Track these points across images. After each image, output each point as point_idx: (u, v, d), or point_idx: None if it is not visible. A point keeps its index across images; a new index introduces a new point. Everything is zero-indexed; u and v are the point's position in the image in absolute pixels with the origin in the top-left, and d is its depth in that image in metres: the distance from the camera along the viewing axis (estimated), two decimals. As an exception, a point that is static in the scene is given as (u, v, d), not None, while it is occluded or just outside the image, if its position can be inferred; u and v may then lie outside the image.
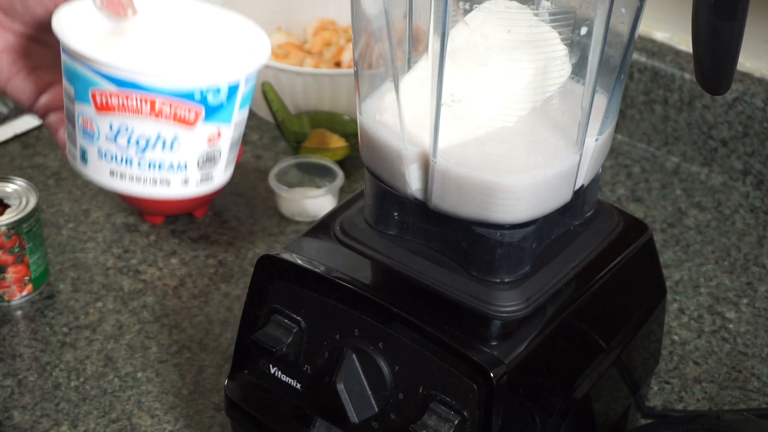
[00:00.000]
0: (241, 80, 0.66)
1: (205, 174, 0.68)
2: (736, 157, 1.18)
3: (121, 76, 0.63)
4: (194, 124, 0.65)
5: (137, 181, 0.67)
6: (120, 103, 0.64)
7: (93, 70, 0.64)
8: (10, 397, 0.93)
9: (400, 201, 0.73)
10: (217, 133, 0.66)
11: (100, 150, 0.66)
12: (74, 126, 0.67)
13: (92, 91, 0.65)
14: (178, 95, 0.64)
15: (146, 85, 0.63)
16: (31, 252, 1.01)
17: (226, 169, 0.69)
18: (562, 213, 0.74)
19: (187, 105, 0.64)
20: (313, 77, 1.19)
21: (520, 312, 0.71)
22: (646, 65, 1.21)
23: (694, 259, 1.09)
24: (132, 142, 0.65)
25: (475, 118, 0.69)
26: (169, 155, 0.66)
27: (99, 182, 0.68)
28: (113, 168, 0.66)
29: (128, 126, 0.65)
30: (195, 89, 0.64)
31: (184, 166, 0.66)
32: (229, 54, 0.69)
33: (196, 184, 0.68)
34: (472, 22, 0.69)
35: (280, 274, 0.77)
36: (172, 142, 0.65)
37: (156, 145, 0.65)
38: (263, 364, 0.79)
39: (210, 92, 0.65)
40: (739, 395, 0.94)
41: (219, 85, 0.65)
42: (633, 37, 0.71)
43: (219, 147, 0.67)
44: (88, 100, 0.65)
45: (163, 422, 0.91)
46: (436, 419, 0.70)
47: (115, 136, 0.65)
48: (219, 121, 0.66)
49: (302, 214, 1.13)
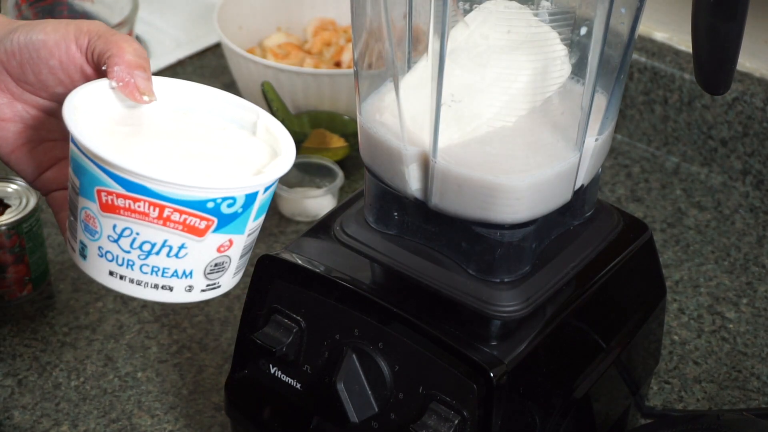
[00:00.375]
0: (260, 191, 0.62)
1: (212, 281, 0.64)
2: (736, 157, 1.18)
3: (130, 178, 0.59)
4: (204, 234, 0.61)
5: (137, 284, 0.63)
6: (126, 206, 0.60)
7: (101, 169, 0.60)
8: (10, 397, 0.93)
9: (400, 201, 0.73)
10: (229, 242, 0.62)
11: (100, 248, 0.62)
12: (76, 219, 0.63)
13: (98, 189, 0.61)
14: (189, 205, 0.60)
15: (156, 191, 0.59)
16: (31, 252, 1.01)
17: (235, 275, 0.66)
18: (562, 213, 0.74)
19: (198, 215, 0.60)
20: (313, 77, 1.19)
21: (520, 312, 0.71)
22: (646, 65, 1.21)
23: (694, 259, 1.09)
24: (135, 246, 0.61)
25: (475, 118, 0.69)
26: (174, 262, 0.62)
27: (97, 280, 0.64)
28: (113, 269, 0.63)
29: (133, 230, 0.61)
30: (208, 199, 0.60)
31: (189, 274, 0.63)
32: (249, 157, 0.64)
33: (200, 291, 0.64)
34: (472, 22, 0.69)
35: (280, 274, 0.77)
36: (178, 250, 0.61)
37: (161, 251, 0.61)
38: (263, 364, 0.79)
39: (224, 203, 0.60)
40: (739, 395, 0.94)
41: (234, 196, 0.60)
42: (633, 37, 0.71)
43: (229, 255, 0.63)
44: (92, 198, 0.61)
45: (163, 422, 0.91)
46: (436, 419, 0.70)
47: (118, 237, 0.61)
48: (231, 231, 0.62)
49: (302, 214, 1.13)
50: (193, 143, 0.64)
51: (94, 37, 0.66)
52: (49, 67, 0.67)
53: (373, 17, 0.70)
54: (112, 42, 0.66)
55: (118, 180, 0.60)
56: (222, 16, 1.27)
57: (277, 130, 0.67)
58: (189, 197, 0.59)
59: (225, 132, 0.67)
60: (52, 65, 0.67)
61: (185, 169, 0.62)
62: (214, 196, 0.60)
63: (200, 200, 0.60)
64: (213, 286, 0.64)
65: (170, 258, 0.61)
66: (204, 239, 0.61)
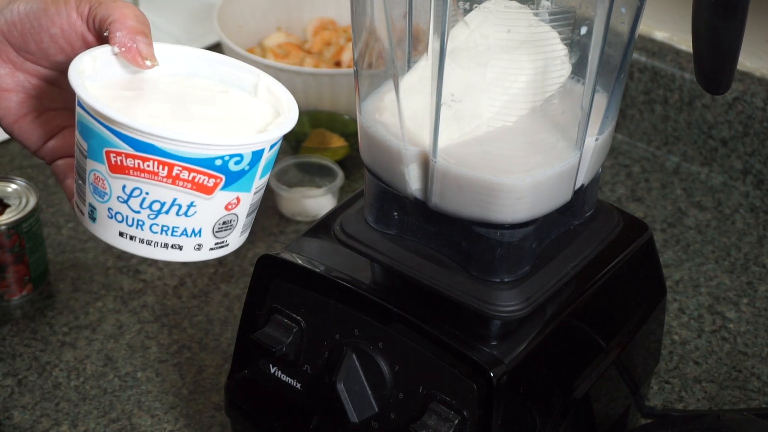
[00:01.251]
0: (266, 148, 0.63)
1: (220, 240, 0.64)
2: (736, 157, 1.18)
3: (139, 138, 0.60)
4: (213, 192, 0.62)
5: (147, 244, 0.63)
6: (136, 166, 0.61)
7: (110, 130, 0.60)
8: (10, 397, 0.93)
9: (400, 201, 0.73)
10: (236, 200, 0.63)
11: (110, 210, 0.63)
12: (84, 182, 0.64)
13: (107, 150, 0.61)
14: (198, 162, 0.60)
15: (165, 149, 0.60)
16: (31, 252, 1.01)
17: (242, 234, 0.66)
18: (562, 213, 0.74)
19: (207, 172, 0.61)
20: (313, 77, 1.19)
21: (520, 312, 0.71)
22: (646, 65, 1.21)
23: (694, 259, 1.09)
24: (145, 206, 0.62)
25: (475, 118, 0.69)
26: (183, 221, 0.62)
27: (107, 241, 0.64)
28: (123, 229, 0.63)
29: (142, 189, 0.61)
30: (216, 157, 0.60)
31: (198, 233, 0.63)
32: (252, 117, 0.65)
33: (209, 249, 0.64)
34: (472, 22, 0.69)
35: (280, 274, 0.77)
36: (187, 208, 0.62)
37: (170, 210, 0.62)
38: (263, 364, 0.79)
39: (231, 160, 0.61)
40: (739, 395, 0.94)
41: (242, 153, 0.61)
42: (633, 37, 0.71)
43: (236, 213, 0.64)
44: (101, 160, 0.62)
45: (163, 422, 0.91)
46: (436, 419, 0.70)
47: (128, 198, 0.62)
48: (239, 189, 0.63)
49: (302, 214, 1.13)
50: (197, 106, 0.65)
51: (95, 4, 0.67)
52: (50, 35, 0.68)
53: (373, 17, 0.70)
54: (113, 8, 0.66)
55: (127, 140, 0.60)
56: (222, 15, 1.28)
57: (278, 90, 0.68)
58: (197, 155, 0.60)
59: (227, 95, 0.68)
60: (54, 33, 0.67)
61: (193, 129, 0.63)
62: (222, 153, 0.61)
63: (208, 158, 0.60)
64: (221, 244, 0.65)
65: (180, 217, 0.62)
66: (212, 197, 0.62)
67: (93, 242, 1.10)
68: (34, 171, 1.20)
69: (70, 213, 1.14)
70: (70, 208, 1.15)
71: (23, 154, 1.23)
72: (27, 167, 1.21)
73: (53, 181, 1.19)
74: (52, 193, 1.17)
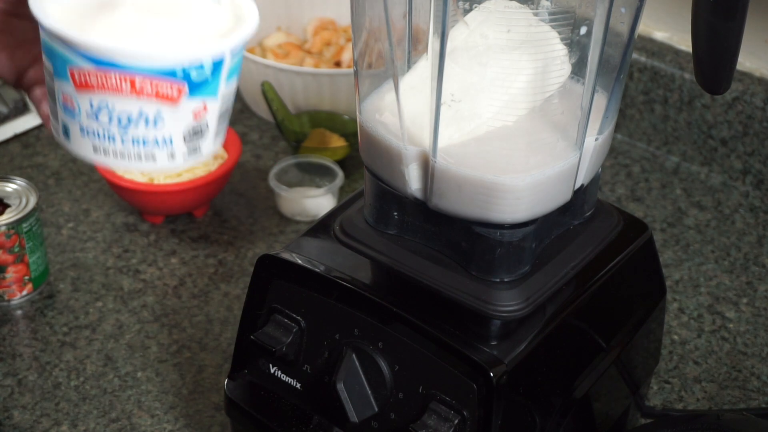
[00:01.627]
0: (227, 55, 0.64)
1: (192, 147, 0.66)
2: (736, 157, 1.18)
3: (98, 55, 0.61)
4: (178, 101, 0.63)
5: (121, 157, 0.65)
6: (99, 82, 0.62)
7: (70, 49, 0.62)
8: (10, 397, 0.93)
9: (400, 201, 0.73)
10: (203, 107, 0.64)
11: (81, 126, 0.65)
12: (55, 102, 0.66)
13: (70, 69, 0.63)
14: (159, 73, 0.62)
15: (125, 64, 0.61)
16: (31, 252, 1.01)
17: (215, 140, 0.68)
18: (562, 212, 0.74)
19: (169, 82, 0.62)
20: (313, 77, 1.19)
21: (520, 311, 0.71)
22: (646, 65, 1.21)
23: (693, 259, 1.09)
24: (114, 120, 0.64)
25: (475, 118, 0.69)
26: (152, 131, 0.64)
27: (83, 157, 0.66)
28: (96, 144, 0.65)
29: (109, 103, 0.63)
30: (176, 67, 0.62)
31: (169, 141, 0.65)
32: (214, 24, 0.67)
33: (183, 157, 0.66)
34: (472, 22, 0.69)
35: (280, 274, 0.77)
36: (155, 118, 0.63)
37: (139, 121, 0.64)
38: (263, 364, 0.79)
39: (193, 69, 0.63)
40: (739, 395, 0.94)
41: (202, 61, 0.63)
42: (633, 37, 0.71)
43: (206, 120, 0.65)
44: (66, 78, 0.63)
45: (163, 422, 0.91)
46: (435, 419, 0.70)
47: (96, 113, 0.64)
48: (204, 95, 0.64)
49: (302, 214, 1.13)
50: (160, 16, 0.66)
51: None
52: None
53: (373, 17, 0.70)
54: None
55: (87, 57, 0.62)
56: (222, 15, 1.27)
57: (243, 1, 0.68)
58: (157, 67, 0.62)
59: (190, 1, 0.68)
60: None
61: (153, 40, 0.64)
62: (182, 61, 0.62)
63: (169, 69, 0.62)
64: (194, 150, 0.66)
65: (149, 128, 0.64)
66: (178, 106, 0.63)
67: (93, 242, 1.10)
68: (34, 171, 1.20)
69: (70, 213, 1.14)
70: (70, 207, 1.15)
71: (23, 154, 1.23)
72: (27, 167, 1.21)
73: (53, 180, 1.19)
74: (52, 193, 1.17)
